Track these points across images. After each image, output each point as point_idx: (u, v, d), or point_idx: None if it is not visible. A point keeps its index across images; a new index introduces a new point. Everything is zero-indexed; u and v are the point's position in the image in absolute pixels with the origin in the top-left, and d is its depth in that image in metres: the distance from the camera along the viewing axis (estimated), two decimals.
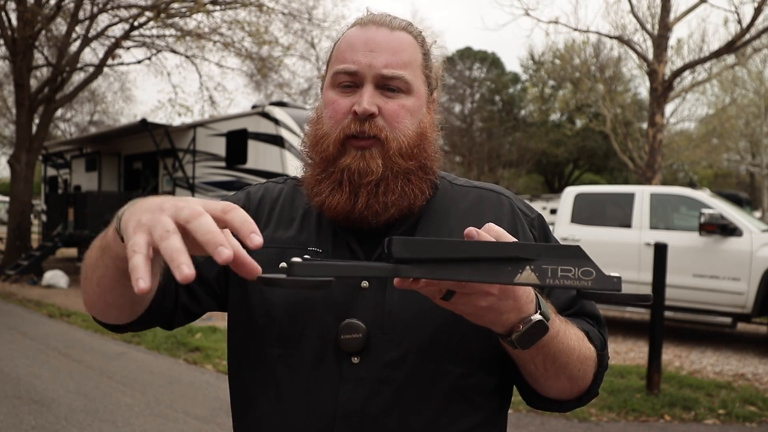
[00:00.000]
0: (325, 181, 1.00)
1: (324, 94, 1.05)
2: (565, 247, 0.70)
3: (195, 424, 4.44)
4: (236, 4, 14.66)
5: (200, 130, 12.77)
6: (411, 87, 1.00)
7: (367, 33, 1.01)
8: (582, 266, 0.69)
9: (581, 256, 0.70)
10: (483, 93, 39.78)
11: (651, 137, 13.38)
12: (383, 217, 0.98)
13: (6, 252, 14.17)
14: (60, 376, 5.59)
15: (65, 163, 17.87)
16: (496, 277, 0.70)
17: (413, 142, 1.00)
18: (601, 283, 0.69)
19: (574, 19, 59.84)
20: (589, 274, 0.69)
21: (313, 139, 1.03)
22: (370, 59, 0.98)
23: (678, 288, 6.82)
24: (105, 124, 33.09)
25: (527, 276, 0.69)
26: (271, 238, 1.05)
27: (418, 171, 1.01)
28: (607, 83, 21.02)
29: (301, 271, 0.65)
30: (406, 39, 1.02)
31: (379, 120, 0.98)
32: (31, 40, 13.84)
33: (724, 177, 35.97)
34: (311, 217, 1.07)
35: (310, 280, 0.64)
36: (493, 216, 1.06)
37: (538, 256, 0.69)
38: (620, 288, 0.70)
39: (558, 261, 0.69)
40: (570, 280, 0.69)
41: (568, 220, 8.00)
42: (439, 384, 0.95)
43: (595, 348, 1.00)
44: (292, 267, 0.65)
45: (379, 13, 1.06)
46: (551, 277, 0.69)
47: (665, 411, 4.66)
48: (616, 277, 0.70)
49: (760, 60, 22.18)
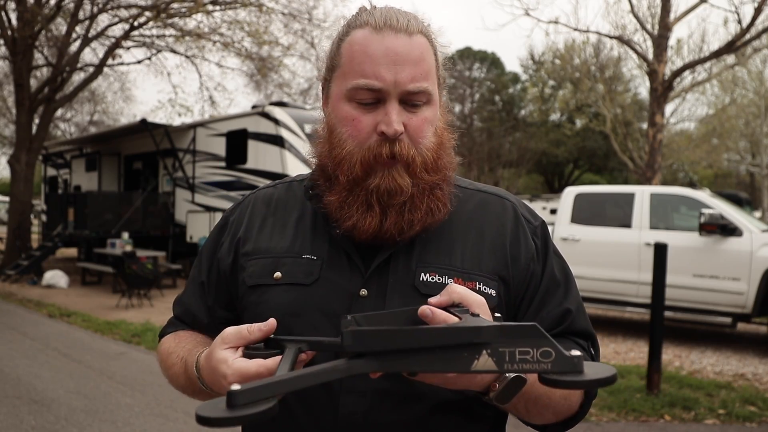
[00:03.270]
0: (354, 204, 0.96)
1: (338, 107, 0.98)
2: (522, 327, 0.67)
3: (195, 424, 4.43)
4: (236, 4, 14.66)
5: (200, 130, 12.77)
6: (432, 97, 0.97)
7: (386, 41, 0.93)
8: (540, 347, 0.66)
9: (538, 335, 0.66)
10: (483, 93, 39.81)
11: (651, 137, 13.38)
12: (408, 234, 0.96)
13: (6, 252, 14.18)
14: (60, 376, 5.59)
15: (65, 163, 17.88)
16: (452, 366, 0.68)
17: (436, 154, 0.98)
18: (561, 365, 0.65)
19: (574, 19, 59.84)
20: (548, 356, 0.66)
21: (336, 158, 0.97)
22: (394, 75, 0.92)
23: (678, 288, 6.82)
24: (105, 124, 33.10)
25: (484, 362, 0.67)
26: (266, 248, 1.04)
27: (443, 184, 0.99)
28: (607, 83, 21.03)
29: (242, 400, 0.62)
30: (424, 44, 0.96)
31: (404, 138, 0.94)
32: (31, 40, 13.84)
33: (724, 177, 35.96)
34: (305, 223, 1.05)
35: (256, 413, 0.61)
36: (497, 222, 1.04)
37: (495, 340, 0.66)
38: (582, 369, 0.66)
39: (515, 342, 0.66)
40: (529, 364, 0.66)
41: (568, 220, 8.00)
42: (441, 395, 0.93)
43: None
44: (231, 397, 0.61)
45: (387, 8, 0.99)
46: (509, 361, 0.66)
47: (665, 411, 4.66)
48: (576, 357, 0.66)
49: (760, 60, 22.20)
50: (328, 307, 0.96)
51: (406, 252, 0.99)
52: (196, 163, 12.82)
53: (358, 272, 0.98)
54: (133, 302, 9.61)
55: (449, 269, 0.98)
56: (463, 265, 0.99)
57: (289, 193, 1.11)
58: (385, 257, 0.98)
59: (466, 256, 1.00)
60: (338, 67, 0.98)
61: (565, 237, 7.86)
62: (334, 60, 0.99)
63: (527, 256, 1.03)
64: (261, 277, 1.01)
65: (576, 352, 0.66)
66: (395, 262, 0.98)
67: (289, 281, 0.99)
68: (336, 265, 0.99)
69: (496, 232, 1.03)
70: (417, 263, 0.98)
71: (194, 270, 1.14)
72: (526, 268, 1.02)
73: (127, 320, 8.13)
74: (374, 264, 0.98)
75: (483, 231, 1.03)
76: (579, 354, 0.66)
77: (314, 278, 0.99)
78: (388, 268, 0.98)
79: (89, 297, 10.57)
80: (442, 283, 0.96)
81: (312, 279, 0.99)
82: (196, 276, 1.13)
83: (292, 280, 0.99)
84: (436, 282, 0.97)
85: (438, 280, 0.97)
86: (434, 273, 0.97)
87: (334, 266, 0.99)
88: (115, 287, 10.85)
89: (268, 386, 0.64)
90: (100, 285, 12.20)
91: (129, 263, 9.77)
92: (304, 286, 0.98)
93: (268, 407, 0.62)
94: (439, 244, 1.01)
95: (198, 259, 1.15)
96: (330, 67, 1.01)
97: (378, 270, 0.98)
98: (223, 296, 1.09)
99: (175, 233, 13.39)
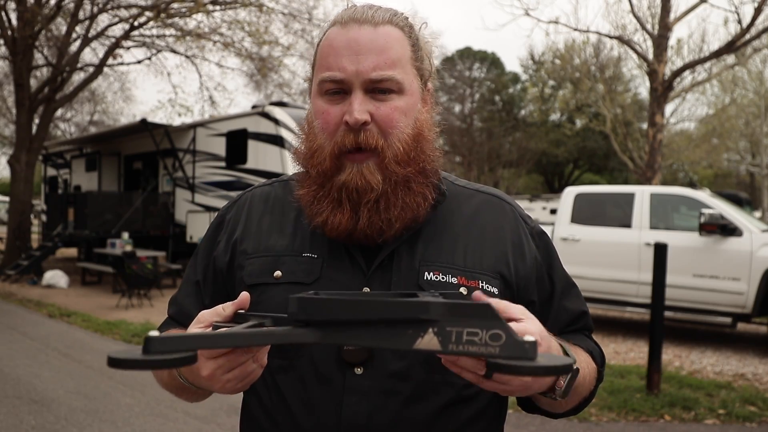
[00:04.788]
0: (324, 199, 0.96)
1: (313, 102, 0.99)
2: (474, 306, 0.63)
3: (195, 424, 4.44)
4: (236, 4, 14.65)
5: (200, 130, 12.77)
6: (402, 86, 0.95)
7: (349, 33, 0.94)
8: (491, 329, 0.61)
9: (491, 316, 0.62)
10: (483, 93, 39.80)
11: (651, 137, 13.37)
12: (389, 233, 0.95)
13: (6, 252, 14.17)
14: (60, 376, 5.59)
15: (65, 163, 17.87)
16: (394, 342, 0.65)
17: (409, 145, 0.95)
18: (510, 350, 0.61)
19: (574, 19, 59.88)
20: (497, 339, 0.61)
21: (308, 151, 0.99)
22: (356, 64, 0.92)
23: (678, 288, 6.82)
24: (105, 124, 33.11)
25: (428, 340, 0.63)
26: (265, 246, 1.03)
27: (418, 176, 0.97)
28: (607, 83, 21.02)
29: (158, 347, 0.59)
30: (392, 34, 0.95)
31: (372, 127, 0.93)
32: (31, 40, 13.83)
33: (724, 177, 35.97)
34: (304, 221, 1.04)
35: (169, 359, 0.59)
36: (497, 222, 1.05)
37: (443, 317, 0.63)
38: (534, 356, 0.61)
39: (464, 322, 0.62)
40: (476, 346, 0.61)
41: (568, 220, 8.00)
42: (444, 395, 0.94)
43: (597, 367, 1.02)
44: (148, 343, 0.59)
45: (361, 5, 0.99)
46: (455, 342, 0.62)
47: (665, 411, 4.66)
48: (528, 343, 0.61)
49: (760, 60, 22.20)
50: None
51: (408, 250, 0.99)
52: (196, 163, 12.82)
53: (359, 271, 0.98)
54: (133, 302, 9.61)
55: (452, 268, 0.98)
56: (465, 263, 0.99)
57: (287, 191, 1.09)
58: (386, 255, 0.98)
59: (468, 254, 1.00)
60: (314, 65, 1.01)
61: (565, 237, 7.86)
62: (313, 60, 1.02)
63: (531, 256, 1.04)
64: (260, 276, 1.01)
65: (530, 338, 0.61)
66: (398, 259, 0.98)
67: (289, 280, 0.99)
68: (337, 263, 0.99)
69: (497, 231, 1.04)
70: (420, 262, 0.98)
71: (189, 269, 1.13)
72: (532, 267, 1.03)
73: (127, 320, 8.13)
74: (376, 262, 0.97)
75: (484, 230, 1.04)
76: (533, 340, 0.61)
77: (315, 277, 0.98)
78: (391, 266, 0.98)
79: (89, 297, 10.57)
80: (446, 282, 0.96)
81: (313, 278, 0.98)
82: (191, 275, 1.12)
83: (293, 279, 0.98)
84: (440, 281, 0.97)
85: (442, 278, 0.97)
86: (438, 272, 0.97)
87: (335, 264, 0.99)
88: (115, 287, 10.84)
89: (188, 338, 0.62)
90: (100, 285, 12.20)
91: (129, 263, 9.76)
92: (304, 284, 0.97)
93: (183, 356, 0.60)
94: (441, 243, 1.00)
95: (193, 259, 1.13)
96: (312, 67, 1.03)
97: (381, 268, 0.98)
98: (220, 295, 1.07)
99: (175, 233, 13.39)
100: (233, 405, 4.75)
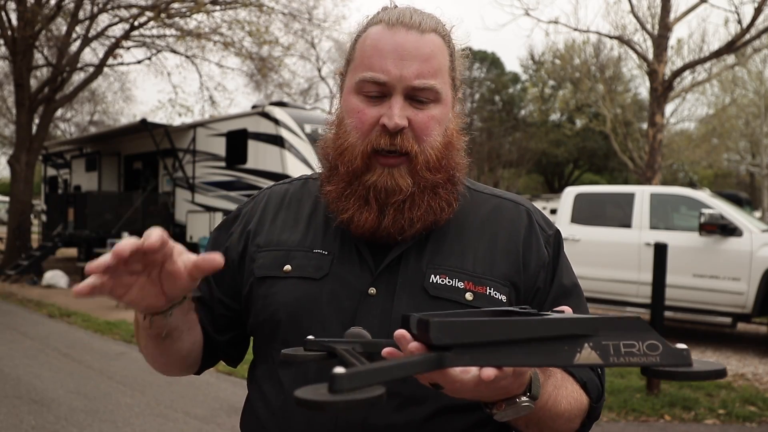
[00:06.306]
0: (351, 197, 0.97)
1: (346, 99, 0.99)
2: (624, 319, 0.64)
3: (195, 424, 4.44)
4: (236, 4, 14.66)
5: (200, 130, 12.77)
6: (440, 95, 0.96)
7: (396, 37, 0.94)
8: (646, 340, 0.63)
9: (643, 328, 0.64)
10: (483, 93, 39.79)
11: (651, 137, 13.36)
12: (409, 233, 0.96)
13: (6, 252, 14.18)
14: (60, 376, 5.59)
15: (65, 163, 17.87)
16: (552, 359, 0.64)
17: (441, 153, 0.97)
18: (670, 359, 0.63)
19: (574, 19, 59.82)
20: (655, 349, 0.63)
21: (338, 148, 0.99)
22: (400, 69, 0.93)
23: (678, 288, 6.82)
24: (105, 124, 33.09)
25: (587, 355, 0.63)
26: (277, 241, 1.04)
27: (446, 183, 0.98)
28: (607, 83, 21.02)
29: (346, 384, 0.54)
30: (436, 43, 0.96)
31: (408, 133, 0.94)
32: (31, 40, 13.84)
33: (724, 177, 35.98)
34: (318, 218, 1.05)
35: (361, 400, 0.54)
36: (510, 228, 1.04)
37: (596, 332, 0.64)
38: (691, 362, 0.63)
39: (618, 335, 0.63)
40: (636, 357, 0.63)
41: (568, 220, 8.00)
42: (443, 399, 0.91)
43: (589, 400, 0.97)
44: (335, 381, 0.54)
45: (405, 7, 0.99)
46: (614, 354, 0.63)
47: (665, 411, 4.66)
48: (684, 350, 0.63)
49: (760, 60, 22.21)
50: (336, 303, 0.96)
51: (417, 252, 0.99)
52: (196, 163, 12.82)
53: (368, 270, 0.98)
54: None
55: (460, 272, 0.98)
56: (474, 269, 0.98)
57: (304, 189, 1.11)
58: (395, 256, 0.98)
59: (478, 260, 0.99)
60: (352, 60, 1.00)
61: (565, 237, 7.82)
62: (350, 54, 1.01)
63: (538, 263, 1.03)
64: (270, 269, 1.01)
65: (682, 345, 0.64)
66: (406, 261, 0.98)
67: (298, 275, 0.99)
68: (346, 261, 0.99)
69: (509, 237, 1.03)
70: (428, 264, 0.98)
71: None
72: (535, 275, 1.02)
73: (127, 320, 8.13)
74: (385, 262, 0.98)
75: (496, 236, 1.03)
76: (686, 347, 0.64)
77: (324, 273, 0.99)
78: (399, 267, 0.98)
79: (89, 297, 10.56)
80: (452, 286, 0.96)
81: (322, 273, 0.99)
82: None
83: (302, 274, 0.99)
84: (447, 285, 0.96)
85: (448, 282, 0.96)
86: (444, 275, 0.97)
87: (344, 262, 0.99)
88: None
89: (372, 372, 0.57)
90: None
91: None
92: (313, 280, 0.98)
93: (377, 395, 0.54)
94: (452, 247, 1.00)
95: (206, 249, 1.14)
96: (347, 61, 1.02)
97: (388, 269, 0.98)
98: (228, 286, 1.07)
99: (175, 233, 13.38)
100: (233, 405, 4.75)
